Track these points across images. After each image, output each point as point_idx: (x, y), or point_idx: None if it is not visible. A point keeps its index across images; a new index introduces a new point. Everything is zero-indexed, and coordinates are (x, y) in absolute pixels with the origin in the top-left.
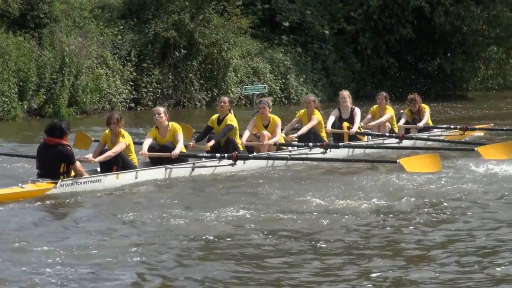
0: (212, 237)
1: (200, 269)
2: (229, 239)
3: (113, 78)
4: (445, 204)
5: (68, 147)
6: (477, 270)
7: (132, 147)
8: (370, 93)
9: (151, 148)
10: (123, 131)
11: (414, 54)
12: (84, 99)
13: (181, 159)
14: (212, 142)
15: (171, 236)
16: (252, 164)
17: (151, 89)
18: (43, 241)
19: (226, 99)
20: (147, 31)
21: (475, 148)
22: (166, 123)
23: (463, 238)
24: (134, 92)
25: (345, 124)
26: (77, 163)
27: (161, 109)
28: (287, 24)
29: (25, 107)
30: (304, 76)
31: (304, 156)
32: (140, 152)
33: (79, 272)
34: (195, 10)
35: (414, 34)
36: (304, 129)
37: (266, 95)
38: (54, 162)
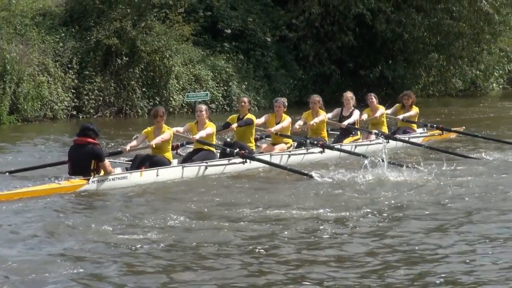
0: (214, 240)
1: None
2: (234, 241)
3: (54, 86)
4: (400, 211)
5: (99, 146)
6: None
7: (169, 143)
8: None
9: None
10: (165, 126)
11: (356, 61)
12: (26, 107)
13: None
14: (235, 125)
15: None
16: (258, 163)
17: (93, 96)
18: (79, 228)
19: (245, 99)
20: (88, 38)
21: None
22: (206, 120)
23: (406, 246)
24: (76, 100)
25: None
26: (106, 162)
27: (203, 107)
28: (229, 31)
29: None
30: (246, 83)
31: (302, 156)
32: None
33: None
34: (136, 17)
35: (356, 41)
36: (316, 120)
37: (208, 102)
38: (86, 160)
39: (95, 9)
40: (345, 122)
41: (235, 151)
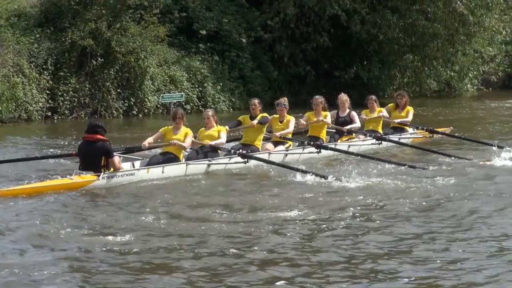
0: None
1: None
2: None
3: (29, 87)
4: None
5: (108, 143)
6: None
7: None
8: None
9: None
10: (187, 128)
11: (331, 62)
12: (0, 108)
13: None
14: (256, 121)
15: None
16: (256, 162)
17: (67, 97)
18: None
19: (255, 101)
20: (63, 39)
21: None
22: (214, 125)
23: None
24: (50, 101)
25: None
26: (115, 158)
27: (210, 113)
28: (204, 32)
29: None
30: (221, 84)
31: (298, 155)
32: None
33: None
34: (112, 18)
35: (331, 42)
36: (326, 120)
37: (183, 103)
38: (96, 156)
39: (70, 10)
40: (348, 127)
41: (238, 151)
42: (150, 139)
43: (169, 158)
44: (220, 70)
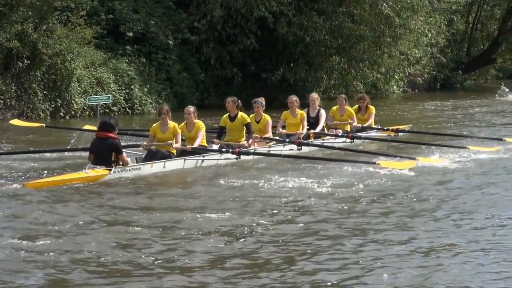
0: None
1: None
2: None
3: None
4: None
5: (118, 140)
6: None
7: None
8: (215, 103)
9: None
10: (173, 123)
11: (258, 64)
12: None
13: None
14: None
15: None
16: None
17: None
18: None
19: (229, 99)
20: None
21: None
22: (194, 120)
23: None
24: None
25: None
26: (124, 154)
27: (191, 109)
28: (131, 34)
29: None
30: (148, 86)
31: (279, 152)
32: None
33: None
34: (38, 20)
35: (258, 44)
36: (302, 131)
37: (110, 105)
38: (107, 152)
39: None
40: (317, 130)
41: (230, 150)
42: (145, 142)
43: (164, 154)
44: (147, 72)
